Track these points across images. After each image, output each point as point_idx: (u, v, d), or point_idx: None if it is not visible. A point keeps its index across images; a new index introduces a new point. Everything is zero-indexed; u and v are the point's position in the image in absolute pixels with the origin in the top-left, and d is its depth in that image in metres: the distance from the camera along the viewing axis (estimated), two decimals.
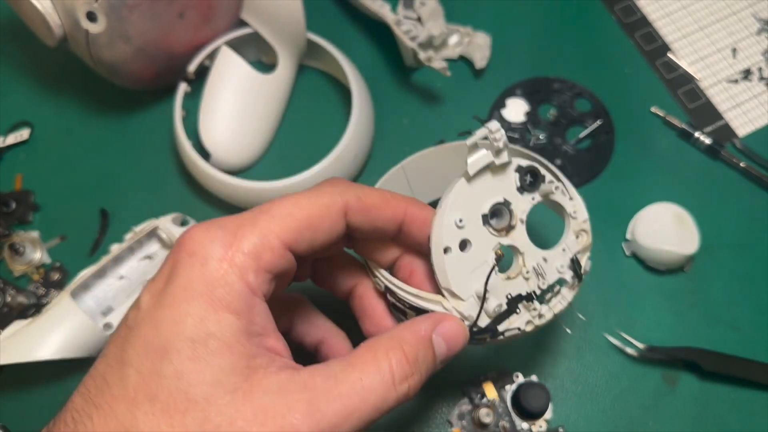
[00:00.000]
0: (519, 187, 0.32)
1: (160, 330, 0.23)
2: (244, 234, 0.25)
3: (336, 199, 0.27)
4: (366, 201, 0.28)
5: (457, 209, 0.30)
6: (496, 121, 0.30)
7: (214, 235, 0.25)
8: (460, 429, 0.38)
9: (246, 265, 0.24)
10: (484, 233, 0.31)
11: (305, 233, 0.26)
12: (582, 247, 0.34)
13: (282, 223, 0.26)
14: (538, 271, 0.32)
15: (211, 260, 0.24)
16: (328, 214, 0.27)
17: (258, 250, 0.25)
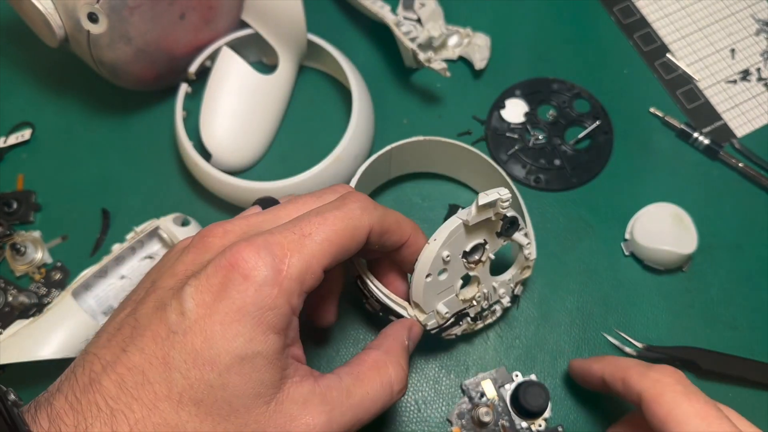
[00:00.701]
0: (498, 232, 0.37)
1: (212, 344, 0.25)
2: (292, 261, 0.27)
3: (364, 223, 0.30)
4: (384, 226, 0.31)
5: (447, 247, 0.35)
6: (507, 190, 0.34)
7: (265, 261, 0.26)
8: (460, 428, 0.38)
9: (292, 289, 0.27)
10: (459, 265, 0.37)
11: (338, 256, 0.29)
12: (523, 278, 0.41)
13: (322, 250, 0.28)
14: (486, 296, 0.39)
15: (264, 287, 0.26)
16: (358, 238, 0.30)
17: (303, 276, 0.27)
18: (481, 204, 0.33)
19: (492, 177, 0.44)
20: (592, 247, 0.46)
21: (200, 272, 0.27)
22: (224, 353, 0.25)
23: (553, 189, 0.48)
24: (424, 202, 0.47)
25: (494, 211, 0.35)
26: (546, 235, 0.46)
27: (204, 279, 0.26)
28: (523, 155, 0.48)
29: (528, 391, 0.38)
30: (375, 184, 0.47)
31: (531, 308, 0.44)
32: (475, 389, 0.39)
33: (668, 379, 0.30)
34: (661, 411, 0.29)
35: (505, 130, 0.49)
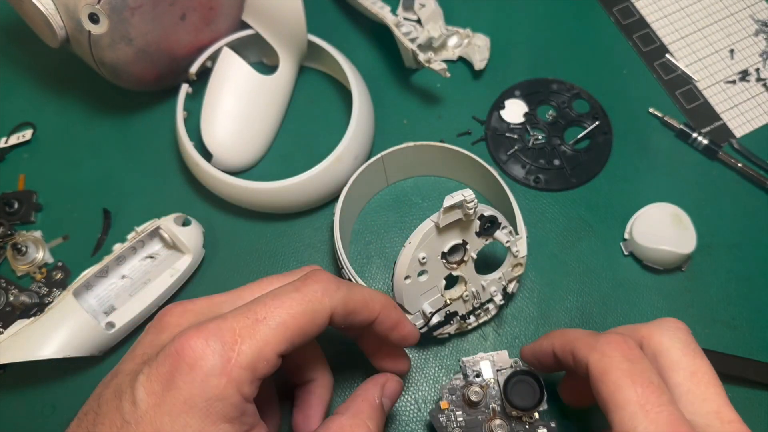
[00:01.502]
0: (477, 232, 0.38)
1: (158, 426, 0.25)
2: (242, 349, 0.26)
3: (325, 305, 0.28)
4: (349, 306, 0.30)
5: (422, 248, 0.36)
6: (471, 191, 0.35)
7: (213, 348, 0.26)
8: (448, 403, 0.36)
9: (243, 378, 0.26)
10: (439, 265, 0.38)
11: (296, 341, 0.28)
12: (516, 275, 0.41)
13: (276, 335, 0.27)
14: (475, 294, 0.40)
15: (211, 377, 0.25)
16: (317, 322, 0.28)
17: (254, 364, 0.26)
18: (446, 206, 0.35)
19: (486, 177, 0.44)
20: (591, 247, 0.46)
21: (152, 359, 0.26)
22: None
23: (552, 189, 0.48)
24: (423, 202, 0.48)
25: (463, 211, 0.36)
26: (545, 234, 0.46)
27: (155, 367, 0.26)
28: (522, 155, 0.49)
29: (516, 387, 0.36)
30: (373, 192, 0.48)
31: (530, 308, 0.44)
32: (473, 368, 0.37)
33: (615, 354, 0.27)
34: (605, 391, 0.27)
35: (505, 131, 0.49)
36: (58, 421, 0.42)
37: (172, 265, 0.45)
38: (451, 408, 0.36)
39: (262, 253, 0.47)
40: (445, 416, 0.35)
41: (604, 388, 0.27)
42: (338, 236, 0.42)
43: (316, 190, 0.45)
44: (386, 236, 0.46)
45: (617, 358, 0.27)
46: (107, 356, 0.43)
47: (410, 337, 0.34)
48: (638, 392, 0.26)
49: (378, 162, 0.45)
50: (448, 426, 0.35)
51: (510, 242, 0.39)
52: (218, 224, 0.48)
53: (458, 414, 0.36)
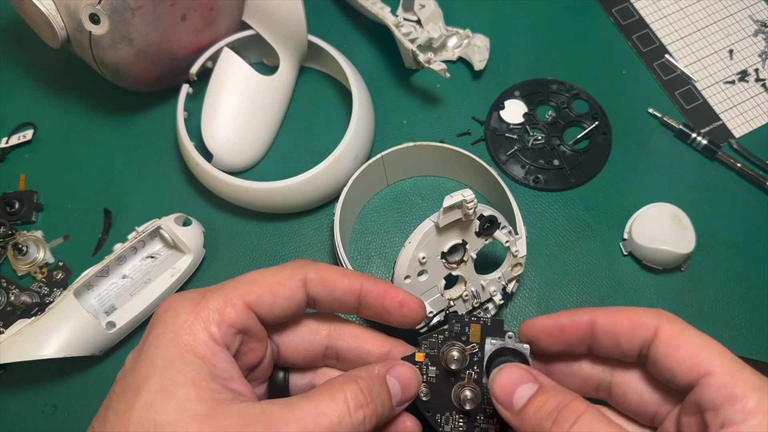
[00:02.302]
0: (477, 231, 0.38)
1: (136, 372, 0.27)
2: (212, 295, 0.29)
3: (296, 270, 0.31)
4: (323, 273, 0.31)
5: (422, 248, 0.36)
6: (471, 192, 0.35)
7: (186, 297, 0.29)
8: (425, 356, 0.32)
9: (210, 318, 0.28)
10: (439, 265, 0.38)
11: (266, 296, 0.29)
12: (515, 275, 0.41)
13: (245, 287, 0.29)
14: (475, 294, 0.40)
15: (181, 313, 0.28)
16: (288, 281, 0.30)
17: (221, 307, 0.28)
18: (446, 206, 0.35)
19: (486, 177, 0.44)
20: (590, 247, 0.46)
21: None
22: (146, 375, 0.26)
23: (552, 189, 0.48)
24: (423, 202, 0.48)
25: (463, 211, 0.36)
26: (545, 234, 0.46)
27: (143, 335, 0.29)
28: (522, 155, 0.49)
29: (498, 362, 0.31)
30: (373, 192, 0.48)
31: (530, 307, 0.44)
32: (463, 326, 0.32)
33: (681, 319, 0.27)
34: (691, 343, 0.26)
35: (505, 131, 0.50)
36: (59, 421, 0.42)
37: (173, 265, 0.45)
38: (426, 361, 0.32)
39: (262, 253, 0.47)
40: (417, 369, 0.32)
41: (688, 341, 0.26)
42: (338, 236, 0.42)
43: (316, 190, 0.45)
44: (386, 236, 0.47)
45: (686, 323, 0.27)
46: (108, 356, 0.44)
47: (408, 302, 0.32)
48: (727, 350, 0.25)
49: (378, 162, 0.45)
50: None
51: (509, 242, 0.39)
52: (219, 224, 0.48)
53: (431, 369, 0.32)
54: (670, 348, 0.26)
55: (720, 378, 0.25)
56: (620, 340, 0.28)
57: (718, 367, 0.25)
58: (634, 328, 0.28)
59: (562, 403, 0.26)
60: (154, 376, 0.26)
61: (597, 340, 0.29)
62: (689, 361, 0.26)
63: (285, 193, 0.44)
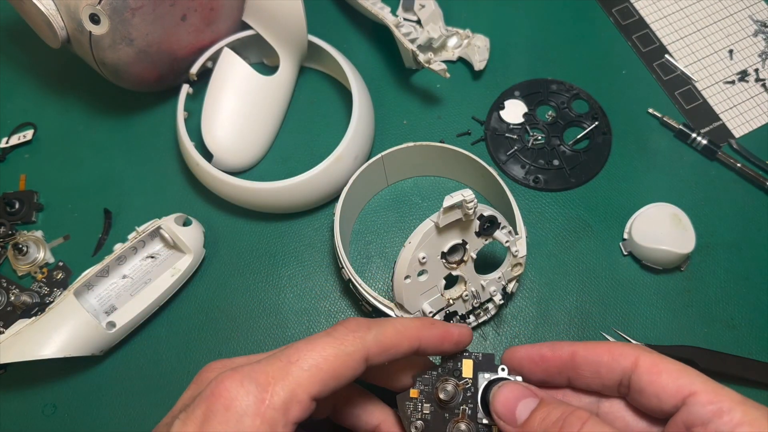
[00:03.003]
0: (477, 231, 0.38)
1: None
2: (275, 389, 0.26)
3: (358, 347, 0.29)
4: (385, 343, 0.29)
5: (422, 248, 0.36)
6: (471, 192, 0.35)
7: (247, 389, 0.26)
8: (418, 392, 0.33)
9: (276, 419, 0.26)
10: (439, 265, 0.38)
11: (330, 383, 0.28)
12: (515, 275, 0.41)
13: (310, 377, 0.27)
14: (475, 294, 0.40)
15: (245, 417, 0.26)
16: (351, 364, 0.28)
17: (287, 405, 0.26)
18: (446, 206, 0.35)
19: (486, 177, 0.44)
20: (590, 247, 0.46)
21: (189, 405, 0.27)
22: None
23: (551, 189, 0.48)
24: (423, 202, 0.48)
25: (463, 211, 0.36)
26: (545, 234, 0.46)
27: (190, 411, 0.26)
28: (522, 155, 0.49)
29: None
30: (373, 192, 0.48)
31: (530, 307, 0.44)
32: (455, 364, 0.33)
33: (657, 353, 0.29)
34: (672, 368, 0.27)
35: (505, 131, 0.50)
36: (59, 421, 0.42)
37: (173, 265, 0.45)
38: (420, 398, 0.33)
39: (262, 252, 0.47)
40: (412, 405, 0.33)
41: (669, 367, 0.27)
42: (338, 236, 0.42)
43: (316, 190, 0.45)
44: (386, 236, 0.47)
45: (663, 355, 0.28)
46: (108, 356, 0.44)
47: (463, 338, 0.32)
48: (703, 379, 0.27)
49: (378, 162, 0.45)
50: (412, 415, 0.33)
51: (509, 242, 0.39)
52: (219, 224, 0.48)
53: (426, 406, 0.33)
54: (653, 375, 0.27)
55: (705, 396, 0.26)
56: (601, 371, 0.29)
57: (701, 387, 0.26)
58: (613, 358, 0.29)
59: (566, 412, 0.27)
60: None
61: (578, 370, 0.30)
62: (673, 384, 0.27)
63: (285, 193, 0.44)
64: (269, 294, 0.45)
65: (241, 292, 0.46)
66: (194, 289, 0.46)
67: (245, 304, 0.45)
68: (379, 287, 0.45)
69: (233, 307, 0.45)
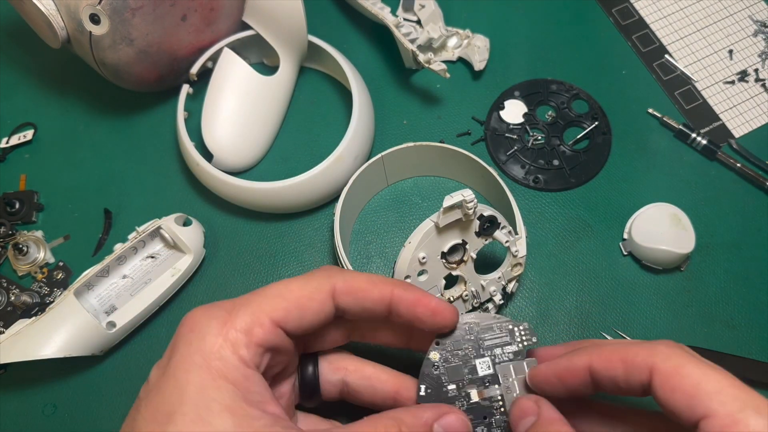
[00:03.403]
0: (477, 231, 0.38)
1: (166, 397, 0.26)
2: (238, 313, 0.28)
3: (323, 282, 0.30)
4: (353, 284, 0.30)
5: (422, 248, 0.36)
6: (471, 192, 0.35)
7: (211, 314, 0.28)
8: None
9: (238, 340, 0.27)
10: (439, 265, 0.38)
11: (294, 312, 0.29)
12: (515, 275, 0.41)
13: (272, 303, 0.28)
14: (475, 294, 0.40)
15: (208, 336, 0.27)
16: (316, 295, 0.29)
17: (249, 327, 0.27)
18: (446, 206, 0.35)
19: (486, 177, 0.44)
20: (590, 247, 0.46)
21: None
22: (178, 403, 0.25)
23: (551, 189, 0.48)
24: (423, 202, 0.48)
25: (462, 211, 0.36)
26: (544, 234, 0.46)
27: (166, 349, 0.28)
28: (522, 155, 0.49)
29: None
30: (372, 192, 0.48)
31: (530, 307, 0.44)
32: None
33: (680, 351, 0.26)
34: (687, 384, 0.25)
35: (504, 131, 0.50)
36: (59, 421, 0.42)
37: (173, 265, 0.45)
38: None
39: (262, 252, 0.47)
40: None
41: (684, 381, 0.25)
42: (338, 236, 0.42)
43: (316, 190, 0.45)
44: (386, 236, 0.47)
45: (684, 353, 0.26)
46: (108, 355, 0.44)
47: (441, 311, 0.31)
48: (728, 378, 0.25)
49: (378, 162, 0.45)
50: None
51: (509, 242, 0.39)
52: (219, 224, 0.48)
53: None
54: (666, 392, 0.26)
55: (719, 420, 0.24)
56: (619, 384, 0.28)
57: (717, 409, 0.24)
58: (628, 371, 0.27)
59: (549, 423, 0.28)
60: (186, 404, 0.25)
61: (598, 384, 0.29)
62: (687, 403, 0.25)
63: (285, 193, 0.44)
64: None
65: (241, 292, 0.45)
66: (194, 289, 0.46)
67: None
68: None
69: None
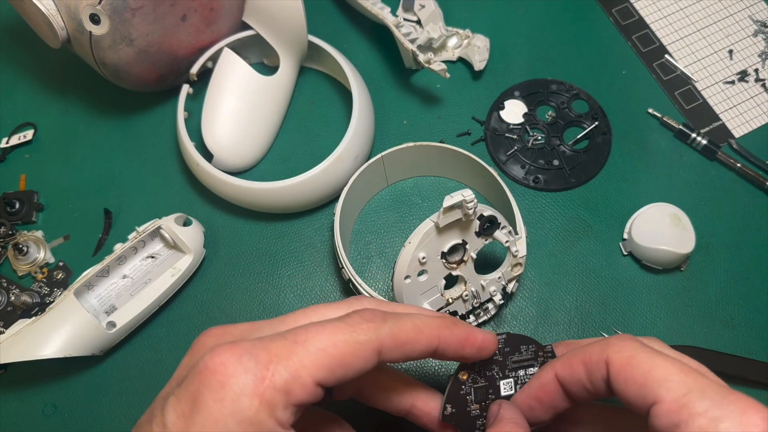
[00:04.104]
0: (477, 231, 0.38)
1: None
2: (277, 369, 0.24)
3: (371, 337, 0.26)
4: (400, 337, 0.27)
5: (422, 248, 0.37)
6: (470, 190, 0.35)
7: (246, 366, 0.24)
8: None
9: (276, 401, 0.24)
10: (439, 265, 0.38)
11: (336, 371, 0.25)
12: (515, 275, 0.41)
13: (315, 360, 0.25)
14: (475, 294, 0.40)
15: (243, 397, 0.23)
16: (362, 354, 0.26)
17: (289, 387, 0.24)
18: (446, 206, 0.35)
19: (486, 177, 0.44)
20: (590, 247, 0.46)
21: (184, 379, 0.25)
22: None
23: (551, 189, 0.48)
24: (423, 202, 0.48)
25: (463, 211, 0.36)
26: (544, 234, 0.46)
27: (184, 386, 0.24)
28: (522, 155, 0.49)
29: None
30: (373, 192, 0.48)
31: (530, 307, 0.44)
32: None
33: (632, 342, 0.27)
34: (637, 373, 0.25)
35: (504, 131, 0.50)
36: (59, 421, 0.42)
37: (173, 265, 0.45)
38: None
39: (262, 252, 0.47)
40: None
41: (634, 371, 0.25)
42: (338, 236, 0.42)
43: (316, 190, 0.45)
44: (386, 236, 0.47)
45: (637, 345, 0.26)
46: (108, 355, 0.44)
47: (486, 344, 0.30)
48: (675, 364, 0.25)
49: (378, 162, 0.45)
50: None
51: (509, 242, 0.39)
52: (219, 224, 0.48)
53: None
54: (620, 383, 0.26)
55: (666, 406, 0.24)
56: (586, 387, 0.28)
57: (664, 395, 0.24)
58: (588, 370, 0.27)
59: None
60: None
61: (569, 393, 0.29)
62: (638, 392, 0.25)
63: (285, 193, 0.44)
64: (269, 294, 0.45)
65: (241, 292, 0.46)
66: (194, 289, 0.46)
67: (245, 305, 0.45)
68: (379, 287, 0.45)
69: (233, 307, 0.45)
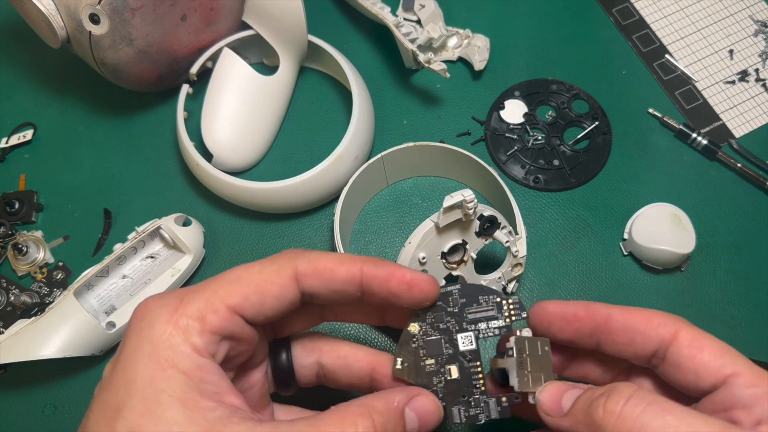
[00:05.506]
0: (477, 232, 0.38)
1: (114, 392, 0.25)
2: (190, 299, 0.26)
3: (285, 264, 0.27)
4: (317, 264, 0.28)
5: (422, 248, 0.36)
6: (471, 192, 0.35)
7: (163, 302, 0.26)
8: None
9: (190, 327, 0.25)
10: (439, 265, 0.38)
11: (252, 297, 0.27)
12: (515, 275, 0.41)
13: (228, 288, 0.26)
14: None
15: (157, 323, 0.25)
16: (276, 279, 0.27)
17: (202, 313, 0.25)
18: (446, 206, 0.35)
19: (486, 177, 0.44)
20: (590, 247, 0.46)
21: None
22: (126, 396, 0.24)
23: (552, 189, 0.48)
24: (423, 202, 0.48)
25: (463, 211, 0.36)
26: (545, 234, 0.46)
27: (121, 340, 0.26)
28: (522, 156, 0.49)
29: None
30: (373, 192, 0.48)
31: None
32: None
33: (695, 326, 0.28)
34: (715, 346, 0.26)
35: (505, 131, 0.50)
36: (59, 421, 0.42)
37: (173, 265, 0.45)
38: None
39: (262, 253, 0.47)
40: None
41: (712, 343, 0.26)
42: (338, 236, 0.42)
43: (316, 190, 0.45)
44: (386, 236, 0.47)
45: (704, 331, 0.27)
46: (108, 356, 0.44)
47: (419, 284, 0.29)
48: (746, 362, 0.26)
49: (378, 162, 0.45)
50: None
51: (509, 242, 0.39)
52: (219, 224, 0.48)
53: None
54: (693, 350, 0.26)
55: (749, 378, 0.25)
56: (636, 338, 0.28)
57: (744, 369, 0.25)
58: (651, 327, 0.28)
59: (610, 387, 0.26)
60: (135, 396, 0.24)
61: (611, 334, 0.29)
62: (714, 362, 0.26)
63: (285, 193, 0.44)
64: None
65: None
66: None
67: None
68: None
69: None
